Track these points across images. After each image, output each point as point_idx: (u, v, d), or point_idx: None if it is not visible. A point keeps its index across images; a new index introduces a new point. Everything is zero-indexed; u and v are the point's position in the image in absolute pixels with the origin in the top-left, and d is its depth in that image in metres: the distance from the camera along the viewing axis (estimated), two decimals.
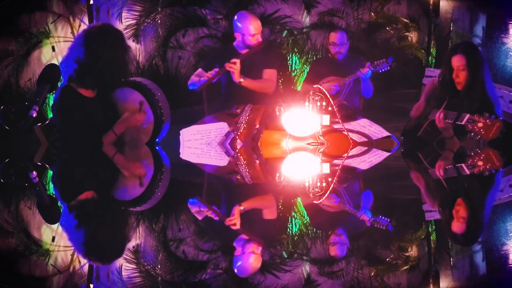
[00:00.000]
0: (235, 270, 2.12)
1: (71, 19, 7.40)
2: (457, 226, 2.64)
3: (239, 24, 5.67)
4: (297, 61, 7.39)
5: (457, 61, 5.35)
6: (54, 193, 3.61)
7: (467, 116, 5.12)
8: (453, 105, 5.34)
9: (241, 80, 5.54)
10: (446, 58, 5.52)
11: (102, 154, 5.39)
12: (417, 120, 5.61)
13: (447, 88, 5.42)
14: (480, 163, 4.72)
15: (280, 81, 7.09)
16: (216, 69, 5.59)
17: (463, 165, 4.58)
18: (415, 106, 5.69)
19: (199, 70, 5.80)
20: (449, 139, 5.37)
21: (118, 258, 2.28)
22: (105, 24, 6.09)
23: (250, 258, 2.16)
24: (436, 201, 3.25)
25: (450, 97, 5.40)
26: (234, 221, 2.46)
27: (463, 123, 5.15)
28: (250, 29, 5.62)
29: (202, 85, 5.63)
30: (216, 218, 2.55)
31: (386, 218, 2.73)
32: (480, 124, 5.07)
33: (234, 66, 5.50)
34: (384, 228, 2.59)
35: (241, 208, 2.52)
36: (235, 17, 5.74)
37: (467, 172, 4.18)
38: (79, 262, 2.29)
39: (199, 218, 2.81)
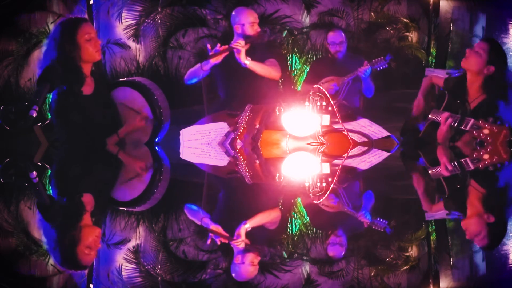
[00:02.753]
0: (233, 275, 2.12)
1: None
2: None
3: (237, 17, 5.74)
4: (297, 61, 7.39)
5: (479, 46, 5.18)
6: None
7: (472, 121, 4.95)
8: (454, 102, 5.26)
9: (247, 62, 5.55)
10: None
11: (101, 155, 5.39)
12: (415, 119, 5.56)
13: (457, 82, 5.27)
14: (485, 156, 4.54)
15: (280, 81, 7.08)
16: (220, 46, 5.59)
17: (467, 159, 4.48)
18: (415, 104, 5.61)
19: (197, 65, 5.80)
20: (440, 144, 5.22)
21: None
22: (70, 18, 5.78)
23: (249, 269, 2.16)
24: (433, 207, 3.18)
25: (450, 93, 5.31)
26: (240, 242, 2.41)
27: (467, 128, 4.97)
28: (249, 18, 5.70)
29: (206, 65, 5.61)
30: (220, 242, 2.46)
31: (384, 221, 2.73)
32: (486, 131, 4.86)
33: (240, 44, 5.52)
34: (382, 230, 2.59)
35: (247, 227, 2.47)
36: (233, 13, 5.83)
37: (471, 167, 4.11)
38: None
39: (198, 223, 2.80)
